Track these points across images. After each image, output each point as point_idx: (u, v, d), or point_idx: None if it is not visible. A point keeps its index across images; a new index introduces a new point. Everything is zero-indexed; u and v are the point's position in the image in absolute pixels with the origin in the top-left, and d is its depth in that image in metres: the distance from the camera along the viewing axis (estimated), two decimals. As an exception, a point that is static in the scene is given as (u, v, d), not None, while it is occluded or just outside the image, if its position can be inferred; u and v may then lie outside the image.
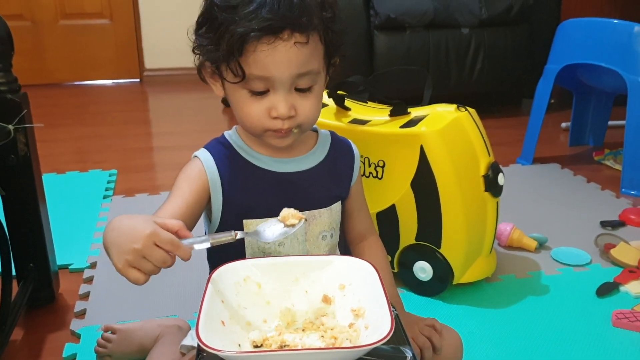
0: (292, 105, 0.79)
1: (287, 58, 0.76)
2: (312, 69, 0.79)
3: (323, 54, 0.81)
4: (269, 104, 0.79)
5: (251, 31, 0.74)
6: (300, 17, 0.75)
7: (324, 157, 0.90)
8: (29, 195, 1.21)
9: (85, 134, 2.66)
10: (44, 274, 1.26)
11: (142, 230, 0.65)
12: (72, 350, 1.12)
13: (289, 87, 0.78)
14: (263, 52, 0.75)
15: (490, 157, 1.28)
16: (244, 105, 0.81)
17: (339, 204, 0.91)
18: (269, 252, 0.86)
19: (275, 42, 0.75)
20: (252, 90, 0.79)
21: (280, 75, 0.77)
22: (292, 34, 0.75)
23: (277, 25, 0.74)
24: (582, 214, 1.74)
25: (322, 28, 0.78)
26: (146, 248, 0.65)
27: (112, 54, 3.72)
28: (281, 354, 0.63)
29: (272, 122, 0.80)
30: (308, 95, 0.81)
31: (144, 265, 0.66)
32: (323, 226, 0.89)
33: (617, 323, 1.19)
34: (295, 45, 0.76)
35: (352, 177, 0.94)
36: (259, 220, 0.84)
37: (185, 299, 1.30)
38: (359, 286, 0.75)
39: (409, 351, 0.69)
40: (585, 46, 1.95)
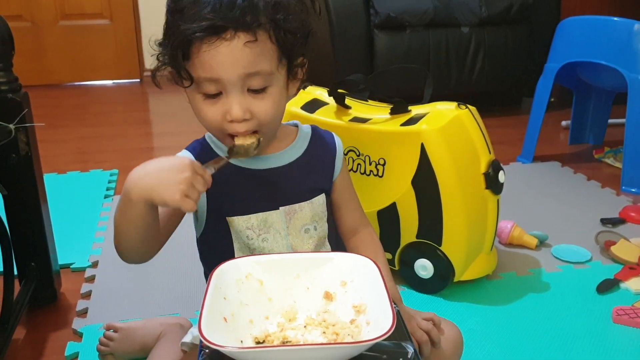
0: (246, 108, 0.78)
1: (232, 58, 0.74)
2: (261, 69, 0.76)
3: (276, 55, 0.78)
4: (223, 107, 0.78)
5: (192, 32, 0.73)
6: (243, 16, 0.73)
7: (302, 152, 0.90)
8: (30, 195, 1.21)
9: (85, 135, 2.67)
10: (46, 273, 1.26)
11: (183, 161, 0.72)
12: (74, 349, 1.13)
13: (240, 88, 0.77)
14: (207, 53, 0.74)
15: (491, 154, 1.28)
16: (200, 110, 0.80)
17: (322, 197, 0.91)
18: (253, 247, 0.87)
19: (217, 42, 0.74)
20: (205, 93, 0.78)
21: (227, 76, 0.75)
22: (236, 33, 0.74)
23: (218, 25, 0.73)
24: (582, 212, 1.74)
25: (272, 27, 0.76)
26: (194, 175, 0.71)
27: (112, 55, 3.73)
28: (283, 350, 0.64)
29: (230, 126, 0.79)
30: (263, 96, 0.78)
31: (193, 193, 0.71)
32: (304, 220, 0.89)
33: (617, 320, 1.20)
34: (239, 45, 0.74)
35: (334, 169, 0.93)
36: (241, 217, 0.86)
37: (187, 297, 1.31)
38: (361, 282, 0.75)
39: (411, 347, 0.70)
40: (585, 44, 1.96)
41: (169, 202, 0.71)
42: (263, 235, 0.87)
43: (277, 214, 0.87)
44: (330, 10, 2.46)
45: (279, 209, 0.87)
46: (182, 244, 1.51)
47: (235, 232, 0.86)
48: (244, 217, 0.86)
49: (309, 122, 0.99)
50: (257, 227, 0.86)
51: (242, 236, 0.86)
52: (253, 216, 0.86)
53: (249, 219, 0.86)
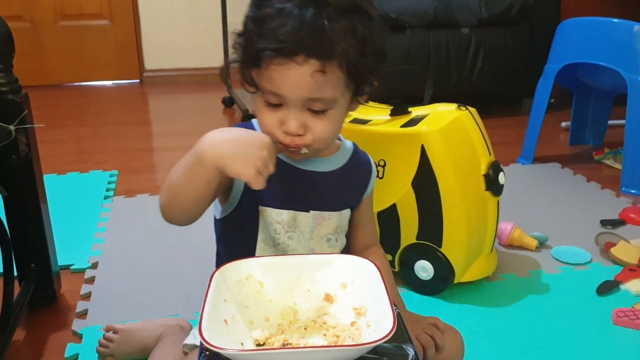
0: (302, 124, 0.79)
1: (298, 81, 0.75)
2: (324, 96, 0.77)
3: (343, 82, 0.78)
4: (281, 117, 0.79)
5: (266, 50, 0.74)
6: (319, 44, 0.73)
7: (342, 165, 0.91)
8: (30, 196, 1.21)
9: (85, 135, 2.66)
10: (46, 274, 1.26)
11: (263, 139, 0.74)
12: (74, 350, 1.13)
13: (300, 106, 0.78)
14: (275, 71, 0.75)
15: (491, 156, 1.28)
16: (260, 113, 0.81)
17: (348, 211, 0.93)
18: (278, 241, 0.87)
19: (287, 64, 0.74)
20: (267, 101, 0.79)
21: (291, 95, 0.77)
22: (308, 59, 0.74)
23: (291, 49, 0.73)
24: (582, 213, 1.74)
25: (345, 56, 0.75)
26: (270, 155, 0.73)
27: (112, 55, 3.73)
28: (284, 352, 0.63)
29: (283, 135, 0.80)
30: (321, 117, 0.79)
31: (266, 172, 0.72)
32: (329, 229, 0.90)
33: (617, 321, 1.20)
34: (308, 71, 0.74)
35: (366, 190, 0.95)
36: (274, 210, 0.86)
37: (187, 298, 1.30)
38: (361, 285, 0.75)
39: (411, 349, 0.70)
40: (585, 45, 1.96)
41: (242, 176, 0.72)
42: (290, 233, 0.87)
43: (307, 216, 0.87)
44: (330, 11, 2.46)
45: (309, 212, 0.88)
46: (182, 245, 1.52)
47: (264, 223, 0.86)
48: (277, 211, 0.86)
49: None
50: (286, 223, 0.87)
51: (270, 229, 0.86)
52: (285, 212, 0.86)
53: (281, 213, 0.86)
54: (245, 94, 3.04)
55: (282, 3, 0.75)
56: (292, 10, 0.74)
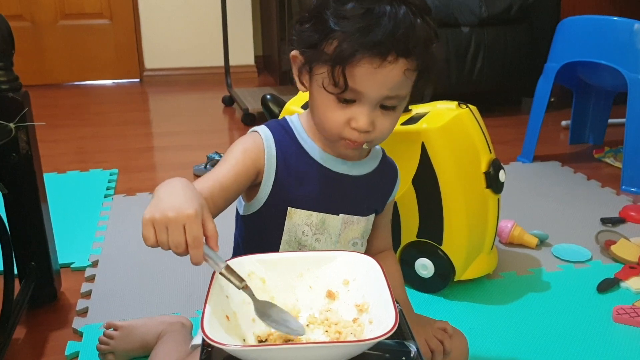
0: (372, 121, 0.79)
1: (384, 80, 0.75)
2: (401, 94, 0.78)
3: (414, 80, 0.79)
4: (351, 114, 0.78)
5: (361, 49, 0.73)
6: (409, 44, 0.74)
7: (372, 169, 0.90)
8: (30, 194, 1.21)
9: (85, 134, 2.66)
10: (46, 273, 1.26)
11: (186, 207, 0.64)
12: (74, 348, 1.13)
13: (375, 104, 0.78)
14: (364, 69, 0.74)
15: (491, 154, 1.28)
16: (328, 110, 0.80)
17: (374, 216, 0.93)
18: (304, 243, 0.87)
19: (379, 62, 0.74)
20: (341, 97, 0.78)
21: (372, 94, 0.76)
22: (397, 58, 0.74)
23: (386, 49, 0.73)
24: (582, 211, 1.74)
25: (424, 55, 0.77)
26: (175, 223, 0.63)
27: (112, 54, 3.73)
28: (286, 348, 0.63)
29: (350, 132, 0.79)
30: (390, 113, 0.80)
31: (161, 234, 0.64)
32: (356, 233, 0.89)
33: (618, 319, 1.20)
34: (396, 70, 0.75)
35: (391, 195, 0.95)
36: (303, 212, 0.85)
37: (188, 296, 1.30)
38: (363, 281, 0.75)
39: (413, 346, 0.69)
40: (585, 44, 1.96)
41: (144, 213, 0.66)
42: (317, 236, 0.86)
43: (336, 219, 0.87)
44: (330, 10, 2.46)
45: (339, 215, 0.87)
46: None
47: (292, 225, 0.85)
48: (306, 212, 0.85)
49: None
50: (315, 225, 0.86)
51: (298, 230, 0.85)
52: (315, 214, 0.85)
53: (310, 215, 0.85)
54: (245, 93, 3.05)
55: (372, 3, 0.74)
56: (384, 8, 0.73)
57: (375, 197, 0.92)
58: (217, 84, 3.48)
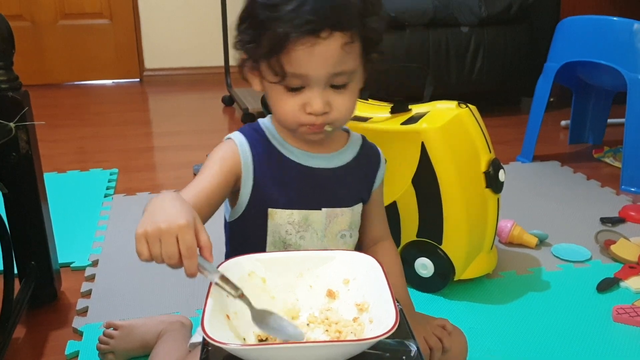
0: (326, 102, 0.79)
1: (324, 57, 0.76)
2: (347, 68, 0.78)
3: (360, 53, 0.80)
4: (304, 100, 0.79)
5: (292, 31, 0.74)
6: (341, 17, 0.75)
7: (352, 158, 0.90)
8: (30, 193, 1.21)
9: (85, 134, 2.67)
10: (46, 272, 1.26)
11: (178, 218, 0.64)
12: (74, 347, 1.13)
13: (324, 84, 0.78)
14: (301, 51, 0.75)
15: (491, 153, 1.28)
16: (280, 101, 0.81)
17: (360, 205, 0.92)
18: (289, 242, 0.87)
19: (314, 41, 0.74)
20: (288, 86, 0.79)
21: (316, 74, 0.77)
22: (332, 33, 0.75)
23: (318, 26, 0.74)
24: (582, 211, 1.74)
25: (361, 27, 0.77)
26: (167, 234, 0.63)
27: (112, 54, 3.73)
28: (286, 347, 0.63)
29: (307, 117, 0.80)
30: (343, 92, 0.80)
31: (154, 246, 0.64)
32: (343, 225, 0.89)
33: (617, 318, 1.20)
34: (333, 45, 0.75)
35: (376, 182, 0.94)
36: (284, 211, 0.85)
37: (187, 296, 1.30)
38: (363, 281, 0.75)
39: (414, 345, 0.70)
40: (585, 44, 1.96)
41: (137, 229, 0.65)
42: (302, 233, 0.86)
43: (319, 214, 0.87)
44: (330, 10, 2.46)
45: (322, 209, 0.87)
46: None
47: (274, 225, 0.86)
48: (287, 212, 0.85)
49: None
50: (297, 223, 0.86)
51: (281, 230, 0.86)
52: (296, 212, 0.86)
53: (292, 214, 0.85)
54: (245, 92, 3.05)
55: None
56: None
57: (358, 186, 0.92)
58: (217, 84, 3.48)
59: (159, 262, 0.65)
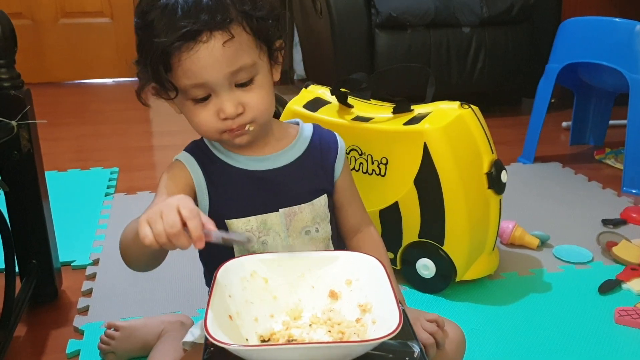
0: (238, 103, 0.78)
1: (212, 60, 0.74)
2: (244, 64, 0.77)
3: (254, 44, 0.78)
4: (215, 107, 0.78)
5: (170, 44, 0.73)
6: (215, 16, 0.73)
7: (302, 152, 0.89)
8: (31, 192, 1.21)
9: (85, 133, 2.66)
10: (47, 271, 1.26)
11: (175, 197, 0.67)
12: (75, 346, 1.12)
13: (227, 86, 0.77)
14: (188, 60, 0.74)
15: (493, 154, 1.28)
16: (193, 115, 0.80)
17: (324, 197, 0.90)
18: (252, 250, 0.85)
19: (195, 46, 0.73)
20: (195, 98, 0.78)
21: (213, 79, 0.76)
22: (212, 34, 0.74)
23: (193, 30, 0.73)
24: (583, 212, 1.74)
25: (244, 19, 0.76)
26: (167, 208, 0.64)
27: (112, 53, 3.72)
28: (290, 348, 0.63)
29: (223, 124, 0.79)
30: (251, 88, 0.79)
31: (156, 224, 0.64)
32: (305, 222, 0.88)
33: (620, 320, 1.20)
34: (218, 45, 0.74)
35: (336, 170, 0.92)
36: (240, 220, 0.85)
37: (188, 295, 1.30)
38: (366, 281, 0.75)
39: (417, 346, 0.69)
40: (587, 45, 1.96)
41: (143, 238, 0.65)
42: (263, 238, 0.86)
43: (277, 216, 0.86)
44: (331, 10, 2.46)
45: (279, 210, 0.86)
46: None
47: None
48: (243, 220, 0.85)
49: (311, 121, 0.99)
50: (256, 229, 0.85)
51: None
52: (252, 218, 0.85)
53: (248, 221, 0.85)
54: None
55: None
56: None
57: (314, 179, 0.90)
58: (218, 83, 3.47)
59: (162, 242, 0.64)
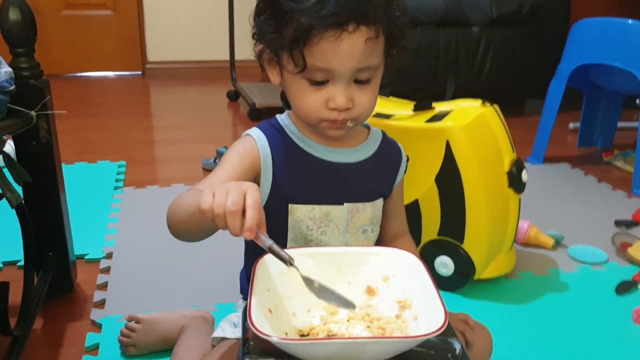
0: (350, 98, 0.78)
1: (350, 51, 0.75)
2: (372, 64, 0.78)
3: (384, 49, 0.79)
4: (328, 95, 0.78)
5: (318, 23, 0.73)
6: (367, 10, 0.74)
7: (372, 153, 0.90)
8: (50, 183, 1.19)
9: (89, 126, 2.64)
10: (63, 263, 1.24)
11: (244, 183, 0.65)
12: (94, 339, 1.11)
13: (348, 79, 0.78)
14: (327, 45, 0.74)
15: (514, 153, 1.28)
16: (302, 95, 0.80)
17: (382, 200, 0.91)
18: (310, 238, 0.85)
19: (341, 35, 0.74)
20: (312, 79, 0.78)
21: (341, 68, 0.76)
22: (358, 27, 0.74)
23: (343, 18, 0.73)
24: (595, 213, 1.74)
25: (386, 21, 0.77)
26: (235, 187, 0.64)
27: (114, 46, 3.70)
28: (341, 342, 0.63)
29: (329, 113, 0.79)
30: (366, 87, 0.80)
31: (220, 196, 0.63)
32: (365, 220, 0.88)
33: (639, 320, 1.20)
34: (360, 39, 0.75)
35: (397, 177, 0.94)
36: (305, 206, 0.84)
37: (205, 289, 1.29)
38: (404, 277, 0.75)
39: (457, 343, 0.69)
40: (600, 46, 1.96)
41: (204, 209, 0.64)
42: (323, 228, 0.85)
43: (340, 209, 0.86)
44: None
45: (343, 204, 0.86)
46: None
47: (295, 221, 0.84)
48: (308, 207, 0.84)
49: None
50: (318, 219, 0.85)
51: (302, 226, 0.84)
52: (317, 207, 0.85)
53: (312, 209, 0.84)
54: (251, 87, 3.04)
55: None
56: None
57: (379, 180, 0.91)
58: (222, 78, 3.46)
59: (217, 213, 0.63)
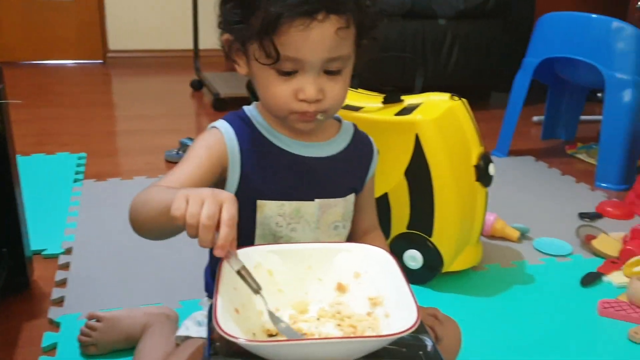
0: (320, 89, 0.76)
1: (320, 41, 0.72)
2: (343, 54, 0.75)
3: (354, 39, 0.77)
4: (297, 86, 0.75)
5: (287, 11, 0.70)
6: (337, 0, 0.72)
7: (344, 147, 0.87)
8: (4, 176, 1.14)
9: (47, 115, 2.56)
10: (19, 259, 1.19)
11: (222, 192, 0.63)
12: (51, 339, 1.06)
13: (318, 69, 0.75)
14: (297, 34, 0.71)
15: (482, 147, 1.28)
16: (271, 86, 0.76)
17: (353, 196, 0.89)
18: (279, 235, 0.82)
19: (310, 24, 0.71)
20: (280, 70, 0.75)
21: (311, 58, 0.73)
22: (328, 16, 0.72)
23: (313, 7, 0.71)
24: (560, 206, 1.77)
25: (357, 11, 0.75)
26: (212, 197, 0.61)
27: (73, 33, 3.59)
28: (307, 344, 0.61)
29: (298, 105, 0.76)
30: (337, 78, 0.77)
31: (194, 205, 0.60)
32: (336, 216, 0.86)
33: (603, 312, 1.21)
34: (330, 29, 0.72)
35: (369, 172, 0.91)
36: (274, 202, 0.81)
37: (168, 286, 1.26)
38: (376, 274, 0.73)
39: (429, 340, 0.68)
40: (564, 40, 1.98)
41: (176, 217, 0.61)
42: (293, 225, 0.82)
43: (312, 205, 0.83)
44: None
45: (314, 200, 0.83)
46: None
47: (263, 217, 0.81)
48: (277, 203, 0.81)
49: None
50: (288, 215, 0.82)
51: (271, 222, 0.81)
52: (287, 203, 0.81)
53: (282, 205, 0.81)
54: (215, 77, 2.98)
55: None
56: None
57: (351, 175, 0.89)
58: (185, 68, 3.39)
59: (190, 223, 0.60)
